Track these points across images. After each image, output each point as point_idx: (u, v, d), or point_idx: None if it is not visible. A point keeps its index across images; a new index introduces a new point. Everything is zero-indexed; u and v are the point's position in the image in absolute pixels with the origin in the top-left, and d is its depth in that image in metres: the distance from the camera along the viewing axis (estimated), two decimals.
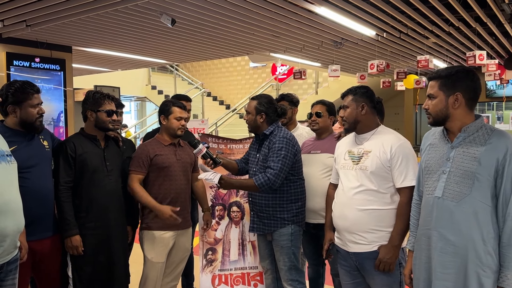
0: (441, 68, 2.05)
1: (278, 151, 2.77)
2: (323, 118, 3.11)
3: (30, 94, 2.47)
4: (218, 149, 3.57)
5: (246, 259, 3.45)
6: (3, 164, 2.07)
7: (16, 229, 2.08)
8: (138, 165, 2.91)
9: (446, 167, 1.94)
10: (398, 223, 2.29)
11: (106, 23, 5.08)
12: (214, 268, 3.45)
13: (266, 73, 13.62)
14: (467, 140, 1.92)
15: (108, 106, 2.79)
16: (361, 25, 5.56)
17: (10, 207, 2.04)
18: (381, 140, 2.37)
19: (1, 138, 2.19)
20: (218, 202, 3.52)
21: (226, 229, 3.49)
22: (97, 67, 8.61)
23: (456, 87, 1.92)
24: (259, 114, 2.90)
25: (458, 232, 1.87)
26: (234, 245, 3.46)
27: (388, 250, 2.28)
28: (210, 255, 3.47)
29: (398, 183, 2.30)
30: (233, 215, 3.50)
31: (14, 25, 5.07)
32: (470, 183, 1.86)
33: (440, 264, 1.92)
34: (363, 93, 2.46)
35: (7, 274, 2.09)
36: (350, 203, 2.36)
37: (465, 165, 1.88)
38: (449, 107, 1.94)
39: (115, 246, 2.79)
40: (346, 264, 2.45)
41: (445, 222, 1.91)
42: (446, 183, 1.92)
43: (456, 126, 1.95)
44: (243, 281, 3.44)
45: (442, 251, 1.91)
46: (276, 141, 2.81)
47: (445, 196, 1.92)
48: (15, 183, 2.15)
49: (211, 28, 5.42)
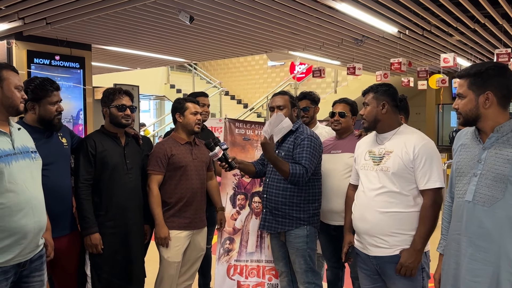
0: (471, 65, 1.94)
1: (307, 148, 2.74)
2: (346, 118, 3.04)
3: (49, 91, 2.47)
4: (245, 135, 3.53)
5: (263, 251, 3.41)
6: (27, 160, 2.07)
7: (38, 226, 2.07)
8: (156, 164, 2.89)
9: (477, 170, 1.83)
10: (421, 226, 2.21)
11: (124, 21, 5.10)
12: (231, 258, 3.44)
13: (284, 72, 13.59)
14: (500, 141, 1.80)
15: (119, 100, 2.76)
16: (383, 22, 5.45)
17: (32, 204, 2.04)
18: (403, 140, 2.29)
19: (27, 135, 2.20)
20: (241, 191, 3.48)
21: (246, 220, 3.46)
22: (116, 66, 8.71)
23: (487, 86, 1.81)
24: (293, 108, 2.89)
25: (489, 239, 1.77)
26: (253, 237, 3.43)
27: (410, 255, 2.20)
28: (228, 245, 3.45)
29: (422, 184, 2.22)
30: (254, 206, 3.46)
31: (35, 23, 5.14)
32: (503, 187, 1.75)
33: (469, 272, 1.82)
34: (385, 91, 2.38)
35: (32, 271, 2.09)
36: (371, 205, 2.29)
37: (497, 168, 1.77)
38: (480, 107, 1.82)
39: (133, 244, 2.77)
40: (367, 268, 2.38)
41: (475, 227, 1.81)
42: (477, 186, 1.82)
43: (489, 126, 1.84)
44: (258, 274, 3.41)
45: (472, 258, 1.81)
46: (305, 138, 2.77)
47: (476, 201, 1.81)
48: (38, 180, 2.14)
49: (230, 26, 5.40)
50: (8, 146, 2.01)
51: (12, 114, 2.09)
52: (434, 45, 6.97)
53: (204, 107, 3.44)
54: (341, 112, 3.02)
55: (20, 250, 1.99)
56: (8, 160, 1.97)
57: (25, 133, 2.20)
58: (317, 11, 4.97)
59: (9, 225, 1.95)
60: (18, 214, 1.97)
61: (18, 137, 2.10)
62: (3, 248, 1.94)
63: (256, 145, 3.57)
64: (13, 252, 1.97)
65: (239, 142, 3.62)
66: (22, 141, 2.11)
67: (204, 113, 3.43)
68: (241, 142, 3.60)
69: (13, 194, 1.96)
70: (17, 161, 2.01)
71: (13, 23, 5.07)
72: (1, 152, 1.96)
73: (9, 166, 1.96)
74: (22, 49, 5.63)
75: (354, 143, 2.72)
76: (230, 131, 3.67)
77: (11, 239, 1.96)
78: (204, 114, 3.42)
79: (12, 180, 1.96)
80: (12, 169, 1.97)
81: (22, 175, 2.02)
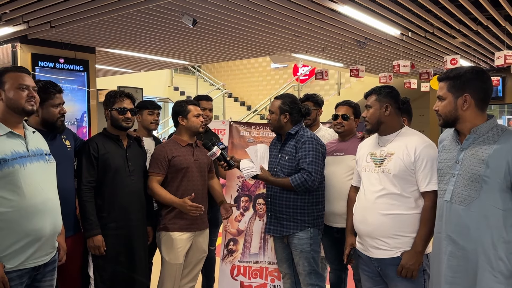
0: (450, 69, 2.03)
1: (309, 152, 2.73)
2: (349, 120, 3.02)
3: (52, 94, 2.48)
4: (250, 137, 3.51)
5: (266, 253, 3.41)
6: (41, 162, 2.09)
7: (53, 229, 2.08)
8: (156, 166, 2.90)
9: (455, 170, 1.92)
10: (422, 228, 2.20)
11: (128, 24, 5.12)
12: (234, 258, 3.46)
13: (287, 74, 13.56)
14: (476, 142, 1.88)
15: (120, 103, 2.76)
16: (385, 24, 5.46)
17: (48, 206, 2.05)
18: (405, 142, 2.29)
19: (41, 138, 2.22)
20: (244, 193, 3.48)
21: (250, 221, 3.46)
22: (120, 68, 8.72)
23: (465, 88, 1.90)
24: (283, 113, 2.85)
25: (467, 237, 1.85)
26: (256, 238, 3.42)
27: (411, 256, 2.20)
28: (231, 246, 3.46)
29: (423, 186, 2.22)
30: (258, 208, 3.45)
31: (39, 27, 5.17)
32: (478, 186, 1.82)
33: (449, 268, 1.90)
34: (388, 93, 2.38)
35: (45, 275, 2.10)
36: (372, 207, 2.29)
37: (472, 168, 1.85)
38: (458, 109, 1.92)
39: (136, 246, 2.77)
40: (368, 270, 2.39)
41: (454, 226, 1.89)
42: (455, 186, 1.90)
43: (467, 128, 1.92)
44: (261, 275, 3.41)
45: (451, 255, 1.89)
46: (306, 141, 2.77)
47: (454, 200, 1.89)
48: (53, 183, 2.15)
49: (233, 29, 5.40)
50: (22, 148, 2.03)
51: (21, 115, 2.10)
52: (437, 47, 6.96)
53: (205, 111, 3.41)
54: (344, 114, 3.01)
55: (34, 251, 2.00)
56: (23, 162, 1.99)
57: (39, 136, 2.22)
58: (320, 14, 4.98)
59: (25, 227, 1.96)
60: (35, 216, 1.99)
61: (32, 139, 2.12)
62: (18, 250, 1.95)
63: None
64: (27, 254, 1.97)
65: (244, 144, 3.61)
66: (36, 143, 2.13)
67: (206, 117, 3.37)
68: (246, 144, 3.58)
69: (29, 195, 1.97)
70: (32, 163, 2.03)
71: (18, 26, 5.10)
72: (15, 154, 1.98)
73: (23, 168, 1.98)
74: (26, 52, 5.66)
75: (356, 146, 2.70)
76: (234, 134, 3.66)
77: (26, 240, 1.97)
78: (206, 119, 3.38)
79: (27, 182, 1.98)
80: (26, 171, 1.99)
81: (37, 177, 2.04)
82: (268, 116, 2.93)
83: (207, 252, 3.11)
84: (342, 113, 3.02)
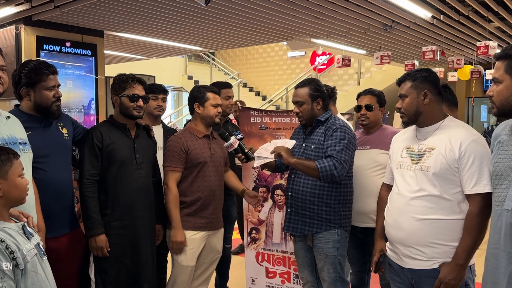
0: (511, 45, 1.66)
1: (341, 140, 2.48)
2: (374, 111, 2.84)
3: (44, 75, 2.30)
4: (262, 123, 3.37)
5: (288, 244, 3.35)
6: None
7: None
8: (174, 159, 2.69)
9: None
10: (465, 237, 1.92)
11: (138, 5, 4.88)
12: (258, 246, 3.47)
13: (304, 63, 13.41)
14: None
15: (132, 90, 2.56)
16: (416, 5, 5.12)
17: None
18: (448, 135, 1.99)
19: (17, 124, 2.09)
20: (262, 184, 3.41)
21: (270, 212, 3.42)
22: (131, 54, 8.56)
23: None
24: (315, 100, 2.60)
25: None
26: (277, 229, 3.38)
27: (451, 269, 1.92)
28: (254, 234, 3.47)
29: (468, 188, 1.92)
30: (276, 199, 3.39)
31: (43, 6, 4.91)
32: None
33: None
34: (425, 77, 2.08)
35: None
36: (406, 210, 2.03)
37: None
38: None
39: (142, 247, 2.59)
40: (400, 281, 2.13)
41: None
42: None
43: None
44: (284, 263, 3.38)
45: None
46: (337, 129, 2.51)
47: None
48: (28, 175, 2.00)
49: (248, 10, 5.12)
50: None
51: None
52: (470, 32, 6.58)
53: (229, 100, 3.35)
54: (367, 105, 2.83)
55: None
56: None
57: (14, 122, 2.07)
58: None
59: None
60: None
61: (5, 126, 1.97)
62: None
63: (274, 134, 3.37)
64: None
65: (256, 132, 3.43)
66: (8, 131, 1.98)
67: (230, 105, 3.36)
68: (258, 132, 3.42)
69: None
70: None
71: (20, 6, 4.85)
72: None
73: None
74: (31, 35, 5.42)
75: (384, 138, 2.61)
76: (244, 120, 3.48)
77: None
78: (230, 107, 3.37)
79: None
80: None
81: None
82: (297, 109, 2.62)
83: (221, 253, 2.95)
84: (365, 103, 2.85)
